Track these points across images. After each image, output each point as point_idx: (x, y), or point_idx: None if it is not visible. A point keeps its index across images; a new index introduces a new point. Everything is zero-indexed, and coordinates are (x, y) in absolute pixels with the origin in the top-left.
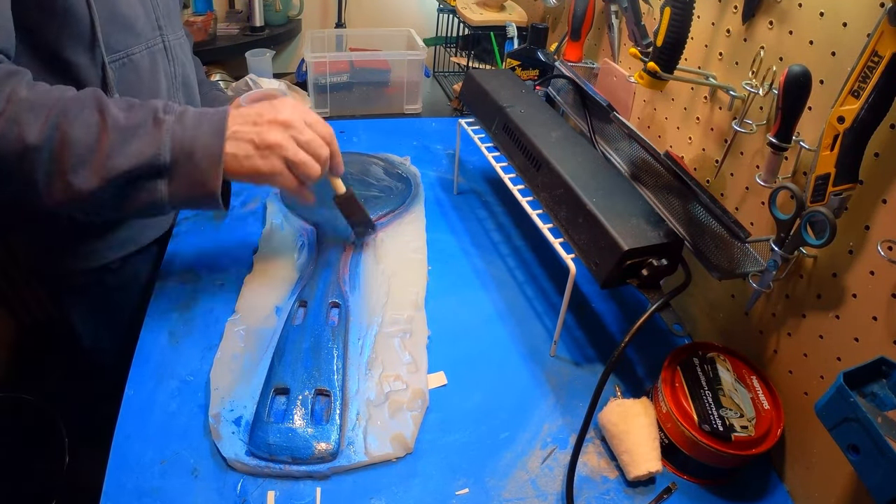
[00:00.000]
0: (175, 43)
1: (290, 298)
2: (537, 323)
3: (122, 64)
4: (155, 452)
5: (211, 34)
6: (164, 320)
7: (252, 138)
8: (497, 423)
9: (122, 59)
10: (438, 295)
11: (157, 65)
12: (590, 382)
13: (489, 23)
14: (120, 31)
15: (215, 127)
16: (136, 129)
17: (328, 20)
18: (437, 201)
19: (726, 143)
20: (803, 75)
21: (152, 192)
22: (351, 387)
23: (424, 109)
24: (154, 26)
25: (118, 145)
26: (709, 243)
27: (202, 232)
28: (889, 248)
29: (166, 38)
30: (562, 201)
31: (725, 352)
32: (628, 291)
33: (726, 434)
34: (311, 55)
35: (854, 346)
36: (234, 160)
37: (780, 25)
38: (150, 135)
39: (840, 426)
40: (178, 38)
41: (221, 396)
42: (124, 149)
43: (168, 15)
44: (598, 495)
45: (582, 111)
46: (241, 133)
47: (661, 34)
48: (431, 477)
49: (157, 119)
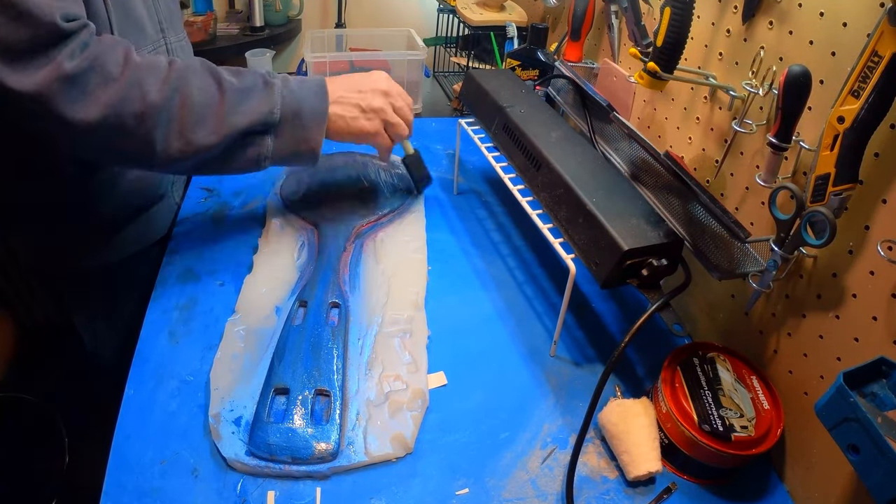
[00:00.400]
0: (177, 45)
1: (290, 298)
2: (537, 323)
3: None
4: (155, 452)
5: (211, 34)
6: (164, 320)
7: (358, 103)
8: (497, 423)
9: None
10: (438, 295)
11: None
12: (590, 382)
13: (489, 23)
14: (132, 31)
15: (318, 90)
16: (249, 91)
17: (328, 20)
18: (437, 201)
19: (726, 143)
20: (803, 75)
21: (260, 146)
22: (351, 387)
23: (424, 109)
24: (157, 29)
25: (235, 105)
26: (709, 243)
27: (202, 232)
28: (889, 248)
29: (168, 40)
30: (562, 201)
31: (725, 352)
32: (628, 291)
33: (726, 434)
34: (311, 55)
35: (854, 346)
36: (342, 121)
37: (780, 25)
38: (263, 95)
39: (840, 426)
40: (180, 41)
41: (221, 396)
42: (241, 107)
43: (169, 18)
44: (598, 495)
45: (582, 111)
46: (346, 98)
47: (661, 34)
48: (431, 477)
49: (268, 82)
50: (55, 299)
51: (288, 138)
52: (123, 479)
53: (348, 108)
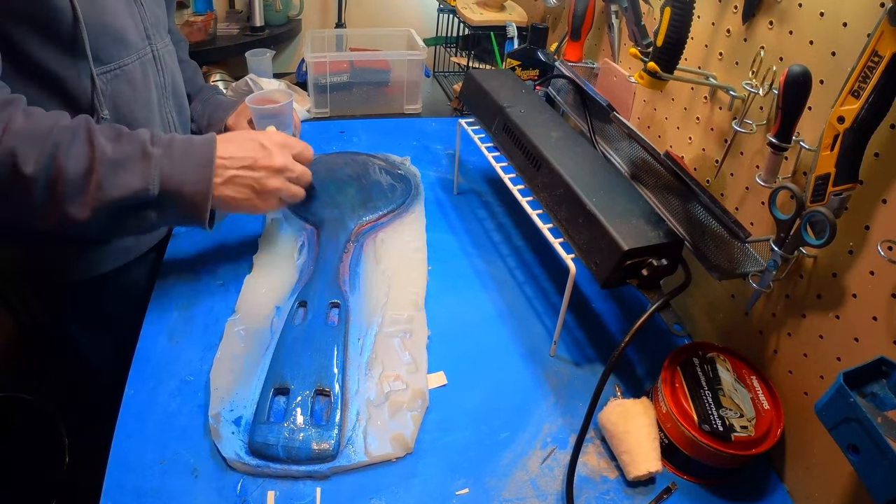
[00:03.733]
0: (164, 51)
1: (290, 298)
2: (537, 323)
3: (114, 76)
4: (155, 452)
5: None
6: (164, 320)
7: (251, 185)
8: (497, 423)
9: (114, 70)
10: (438, 295)
11: (147, 75)
12: (590, 382)
13: (489, 23)
14: (111, 44)
15: (203, 164)
16: (124, 162)
17: (328, 20)
18: (437, 201)
19: (726, 143)
20: (803, 75)
21: (143, 218)
22: (351, 387)
23: (424, 109)
24: (143, 37)
25: (108, 177)
26: (709, 243)
27: (202, 232)
28: (889, 248)
29: (155, 47)
30: (562, 201)
31: (725, 352)
32: (628, 291)
33: (726, 434)
34: (311, 55)
35: (854, 346)
36: (233, 202)
37: (780, 25)
38: (138, 168)
39: (840, 426)
40: (166, 46)
41: (221, 396)
42: (113, 181)
43: (156, 24)
44: (598, 495)
45: (582, 111)
46: (240, 178)
47: (661, 34)
48: (431, 477)
49: (146, 152)
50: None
51: (171, 211)
52: (123, 479)
53: (242, 191)
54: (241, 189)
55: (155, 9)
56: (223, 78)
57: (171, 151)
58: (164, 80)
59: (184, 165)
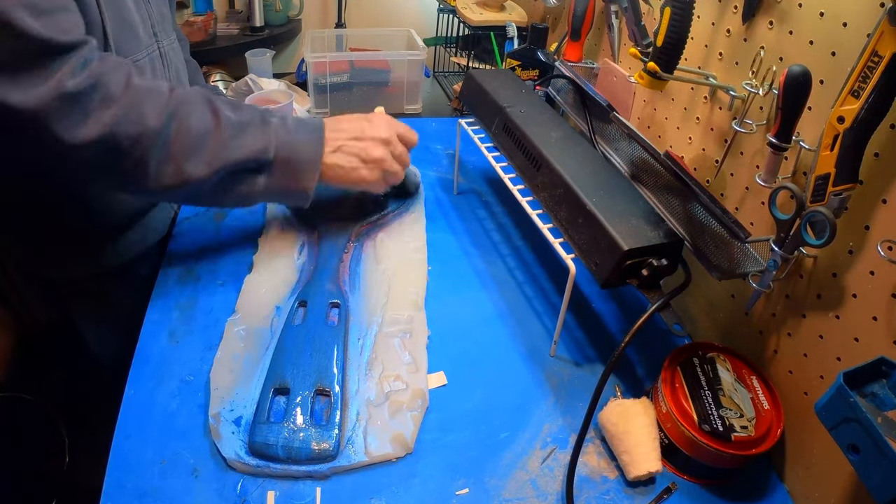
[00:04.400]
0: (169, 49)
1: (290, 298)
2: (537, 323)
3: None
4: (155, 452)
5: (211, 34)
6: (164, 320)
7: (358, 153)
8: (497, 423)
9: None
10: (438, 295)
11: (155, 71)
12: (590, 382)
13: (489, 23)
14: (128, 39)
15: (316, 135)
16: (246, 126)
17: (328, 20)
18: (437, 201)
19: (726, 143)
20: (803, 75)
21: (251, 184)
22: (351, 387)
23: (424, 109)
24: (150, 33)
25: (230, 139)
26: (709, 243)
27: (202, 232)
28: (889, 248)
29: (161, 44)
30: (562, 201)
31: (725, 352)
32: (628, 291)
33: (726, 434)
34: (311, 55)
35: (854, 346)
36: (341, 170)
37: (780, 25)
38: (259, 132)
39: (840, 426)
40: (172, 44)
41: (221, 396)
42: (235, 142)
43: (162, 22)
44: (598, 495)
45: (582, 111)
46: (348, 147)
47: (661, 34)
48: (431, 477)
49: (265, 120)
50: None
51: (279, 178)
52: (123, 479)
53: (348, 159)
54: (348, 157)
55: (161, 7)
56: (223, 78)
57: (286, 123)
58: (170, 76)
59: (298, 134)
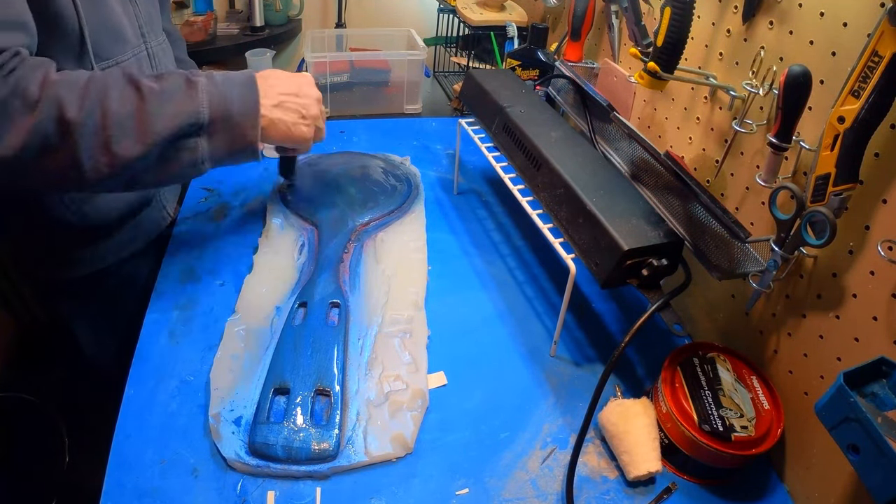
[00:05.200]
0: (158, 49)
1: (290, 298)
2: (537, 323)
3: None
4: (155, 452)
5: (211, 34)
6: (164, 320)
7: (299, 109)
8: (497, 423)
9: (111, 66)
10: (438, 295)
11: (143, 71)
12: (590, 382)
13: (489, 23)
14: (109, 41)
15: (247, 85)
16: (171, 94)
17: (328, 20)
18: (437, 201)
19: (726, 143)
20: (803, 75)
21: (193, 150)
22: (351, 387)
23: (424, 109)
24: (138, 34)
25: (157, 110)
26: (709, 243)
27: (202, 232)
28: (889, 248)
29: (149, 45)
30: (562, 201)
31: (725, 352)
32: (628, 291)
33: (726, 434)
34: (311, 55)
35: (854, 346)
36: (283, 125)
37: (780, 25)
38: (186, 96)
39: (840, 426)
40: (161, 45)
41: (221, 396)
42: (163, 111)
43: (150, 22)
44: (598, 495)
45: (582, 111)
46: (289, 103)
47: (662, 34)
48: (431, 477)
49: (190, 81)
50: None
51: (221, 138)
52: (123, 479)
53: (290, 114)
54: (289, 112)
55: (149, 8)
56: None
57: (213, 79)
58: None
59: (227, 88)
